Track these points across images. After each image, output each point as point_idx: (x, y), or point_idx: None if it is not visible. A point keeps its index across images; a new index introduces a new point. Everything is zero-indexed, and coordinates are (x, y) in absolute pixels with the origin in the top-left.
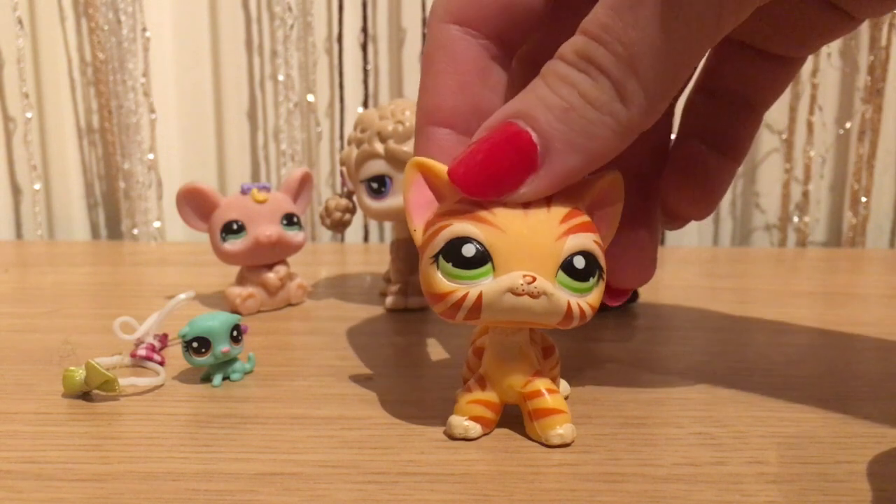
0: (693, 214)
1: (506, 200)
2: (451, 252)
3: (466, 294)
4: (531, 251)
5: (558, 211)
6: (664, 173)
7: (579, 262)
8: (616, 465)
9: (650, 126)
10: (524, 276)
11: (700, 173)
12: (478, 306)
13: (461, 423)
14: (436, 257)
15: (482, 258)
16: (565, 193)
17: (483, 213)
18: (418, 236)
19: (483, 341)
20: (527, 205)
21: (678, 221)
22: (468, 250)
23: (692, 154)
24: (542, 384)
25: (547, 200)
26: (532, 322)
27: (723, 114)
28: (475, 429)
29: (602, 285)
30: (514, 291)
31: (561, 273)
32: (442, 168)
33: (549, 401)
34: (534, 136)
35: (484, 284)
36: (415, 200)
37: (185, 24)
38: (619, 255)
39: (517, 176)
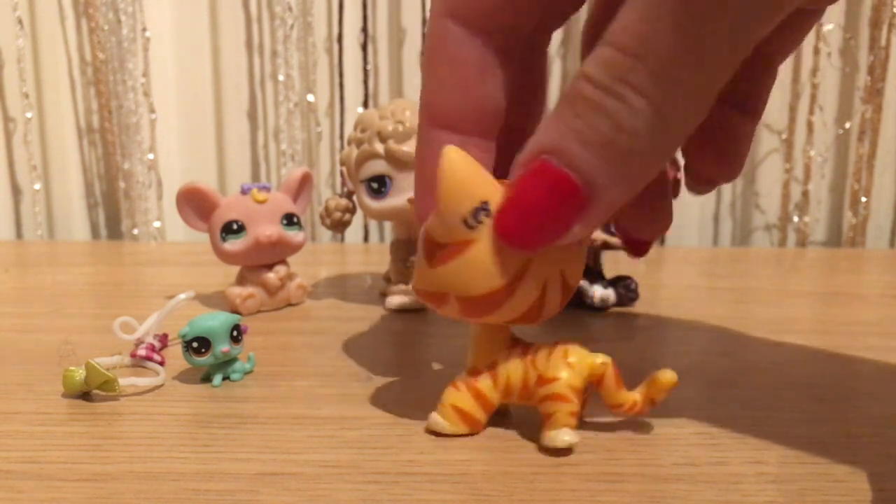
0: (720, 176)
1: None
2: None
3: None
4: None
5: None
6: (688, 139)
7: None
8: (616, 465)
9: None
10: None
11: (723, 133)
12: None
13: (439, 419)
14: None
15: None
16: None
17: None
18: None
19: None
20: None
21: (704, 185)
22: None
23: (713, 114)
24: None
25: None
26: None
27: (740, 69)
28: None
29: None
30: None
31: None
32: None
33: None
34: (575, 176)
35: None
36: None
37: (185, 24)
38: (636, 207)
39: (568, 221)
